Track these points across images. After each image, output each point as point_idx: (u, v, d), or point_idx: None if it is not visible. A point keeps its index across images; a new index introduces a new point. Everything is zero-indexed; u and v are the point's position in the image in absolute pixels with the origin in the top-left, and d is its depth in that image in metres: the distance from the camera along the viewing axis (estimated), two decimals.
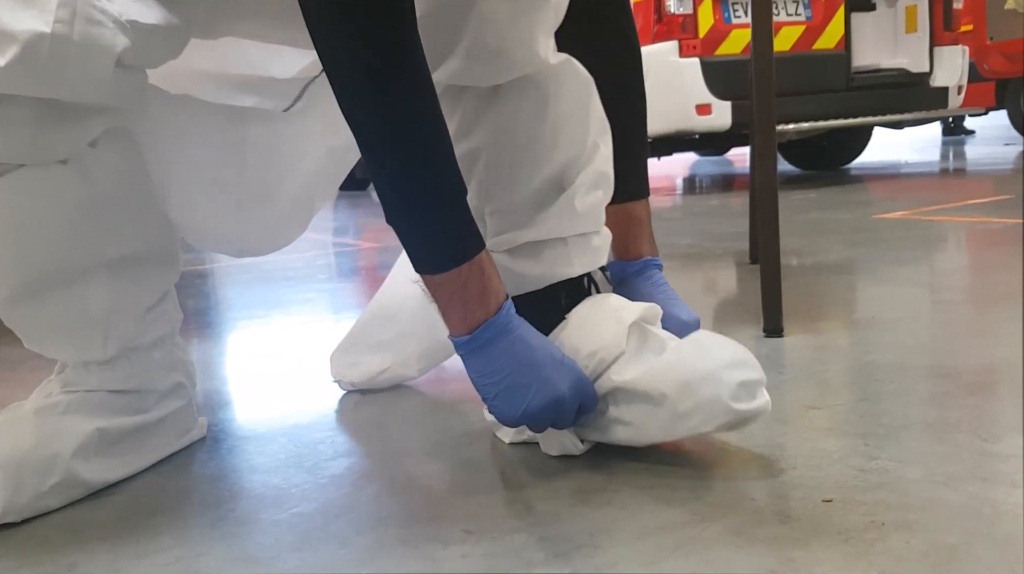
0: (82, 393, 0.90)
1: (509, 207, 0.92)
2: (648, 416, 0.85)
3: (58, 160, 0.82)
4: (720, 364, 0.83)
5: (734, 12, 4.12)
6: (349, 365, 1.21)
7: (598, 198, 0.95)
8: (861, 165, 5.50)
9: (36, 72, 0.73)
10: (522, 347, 0.82)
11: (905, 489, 0.77)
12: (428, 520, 0.78)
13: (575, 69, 0.91)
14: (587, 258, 0.94)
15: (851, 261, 2.06)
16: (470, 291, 0.80)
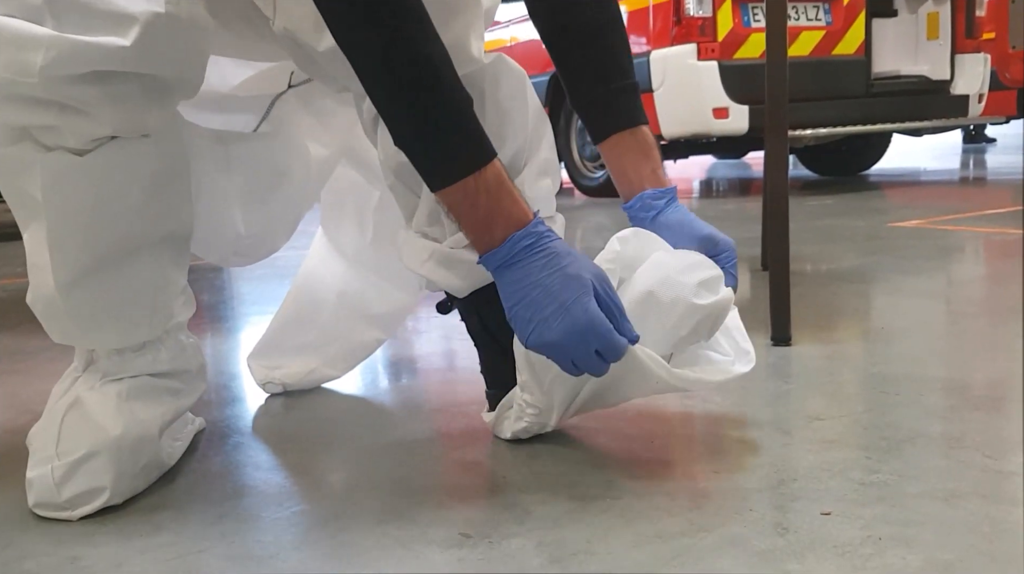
0: (128, 379, 0.91)
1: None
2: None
3: (145, 134, 0.85)
4: (676, 270, 0.89)
5: (754, 16, 4.10)
6: (271, 368, 1.22)
7: (547, 185, 0.96)
8: (879, 171, 5.47)
9: (154, 49, 0.79)
10: (547, 269, 0.82)
11: (904, 504, 0.77)
12: (426, 522, 0.78)
13: (508, 65, 0.93)
14: None
15: (864, 269, 2.05)
16: (478, 212, 0.83)
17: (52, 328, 0.90)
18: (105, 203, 0.84)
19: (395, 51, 0.78)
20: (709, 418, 1.04)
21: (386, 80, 0.80)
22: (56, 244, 0.82)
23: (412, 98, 0.80)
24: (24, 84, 0.74)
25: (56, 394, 0.92)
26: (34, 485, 0.84)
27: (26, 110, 0.77)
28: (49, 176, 0.80)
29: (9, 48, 0.74)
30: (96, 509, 0.83)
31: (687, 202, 4.43)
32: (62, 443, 0.85)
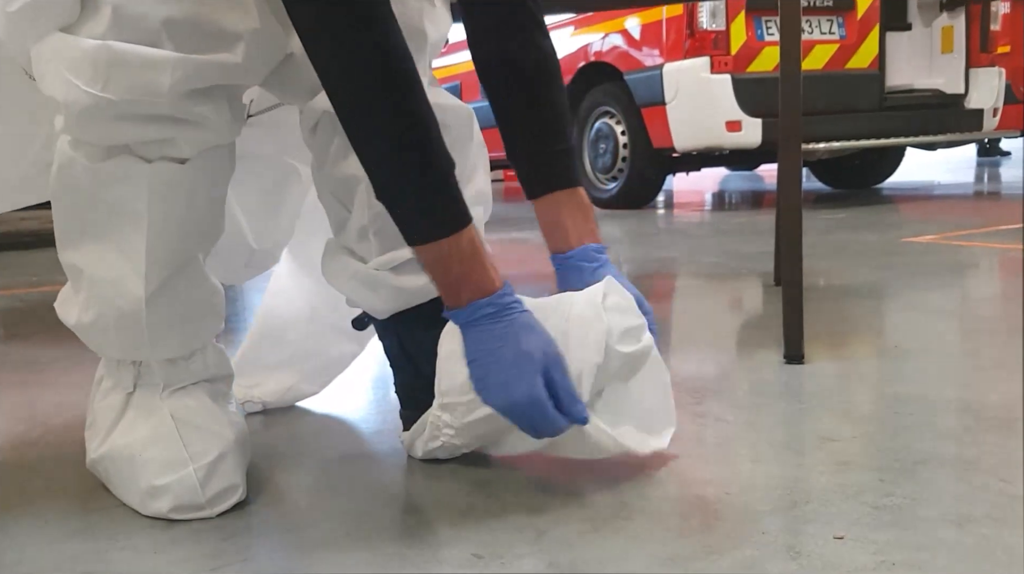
0: (190, 386, 0.92)
1: (392, 227, 0.91)
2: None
3: (232, 141, 0.90)
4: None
5: (767, 29, 4.11)
6: (250, 386, 1.22)
7: (478, 214, 0.98)
8: (893, 185, 5.45)
9: (255, 62, 0.85)
10: (479, 348, 0.86)
11: (918, 528, 0.76)
12: (438, 543, 0.78)
13: (453, 104, 0.96)
14: None
15: (877, 286, 2.05)
16: (449, 276, 0.86)
17: (119, 342, 0.90)
18: (195, 209, 0.88)
19: (390, 113, 0.82)
20: (721, 438, 1.03)
21: (378, 139, 0.83)
22: (151, 253, 0.85)
23: (402, 159, 0.84)
24: (149, 103, 0.79)
25: (108, 410, 0.93)
26: (171, 489, 0.86)
27: (144, 127, 0.81)
28: (156, 185, 0.83)
29: (136, 71, 0.78)
30: (230, 506, 0.87)
31: (699, 215, 4.42)
32: (190, 447, 0.87)
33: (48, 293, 2.39)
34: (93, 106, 0.78)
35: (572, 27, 5.03)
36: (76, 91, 0.78)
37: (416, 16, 0.90)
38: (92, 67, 0.77)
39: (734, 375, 1.32)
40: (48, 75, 0.80)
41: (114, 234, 0.86)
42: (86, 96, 0.78)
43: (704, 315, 1.88)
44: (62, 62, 0.78)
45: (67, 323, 0.93)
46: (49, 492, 0.95)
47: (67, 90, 0.78)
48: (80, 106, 0.78)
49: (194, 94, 0.81)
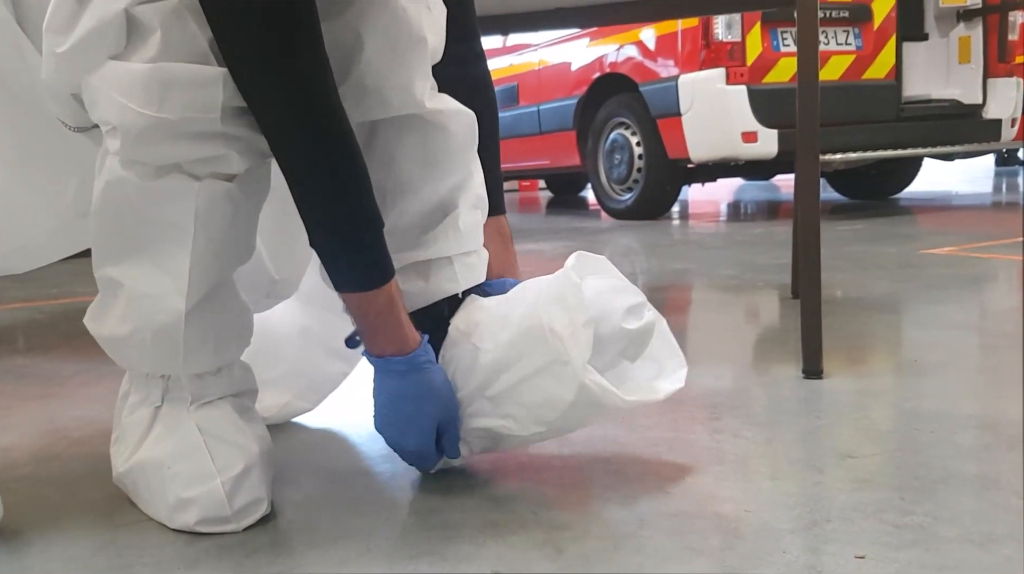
0: (218, 401, 0.94)
1: (395, 231, 0.95)
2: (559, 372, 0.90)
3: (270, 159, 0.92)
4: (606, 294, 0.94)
5: (783, 40, 4.11)
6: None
7: (477, 218, 1.01)
8: (910, 195, 5.43)
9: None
10: (381, 396, 0.93)
11: (939, 547, 0.76)
12: (457, 559, 0.79)
13: (455, 108, 0.97)
14: (469, 275, 1.01)
15: (896, 299, 2.04)
16: (364, 323, 0.90)
17: (153, 356, 0.91)
18: (237, 227, 0.90)
19: (326, 169, 0.84)
20: (739, 454, 1.03)
21: (307, 187, 0.85)
22: (194, 270, 0.87)
23: (329, 212, 0.85)
24: (204, 120, 0.81)
25: (136, 425, 0.94)
26: (198, 502, 0.87)
27: (198, 145, 0.83)
28: (204, 202, 0.85)
29: (190, 89, 0.80)
30: (256, 519, 0.89)
31: (715, 225, 4.42)
32: (217, 461, 0.89)
33: (69, 305, 2.42)
34: (150, 127, 0.80)
35: (587, 39, 5.05)
36: (131, 114, 0.79)
37: (416, 23, 0.91)
38: (145, 89, 0.79)
39: (752, 390, 1.32)
40: (101, 101, 0.81)
41: (158, 250, 0.87)
42: (142, 118, 0.79)
43: (721, 328, 1.88)
44: (114, 87, 0.80)
45: (98, 336, 0.94)
46: (73, 506, 0.96)
47: (122, 114, 0.80)
48: (137, 128, 0.80)
49: (244, 110, 0.83)
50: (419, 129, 0.95)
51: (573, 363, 0.88)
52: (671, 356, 1.02)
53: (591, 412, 0.92)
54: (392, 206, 0.96)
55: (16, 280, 2.93)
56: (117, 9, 0.78)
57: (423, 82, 0.93)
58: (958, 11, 4.41)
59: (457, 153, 0.97)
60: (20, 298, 2.60)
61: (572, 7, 2.00)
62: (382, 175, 0.94)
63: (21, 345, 1.94)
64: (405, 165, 0.96)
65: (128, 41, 0.80)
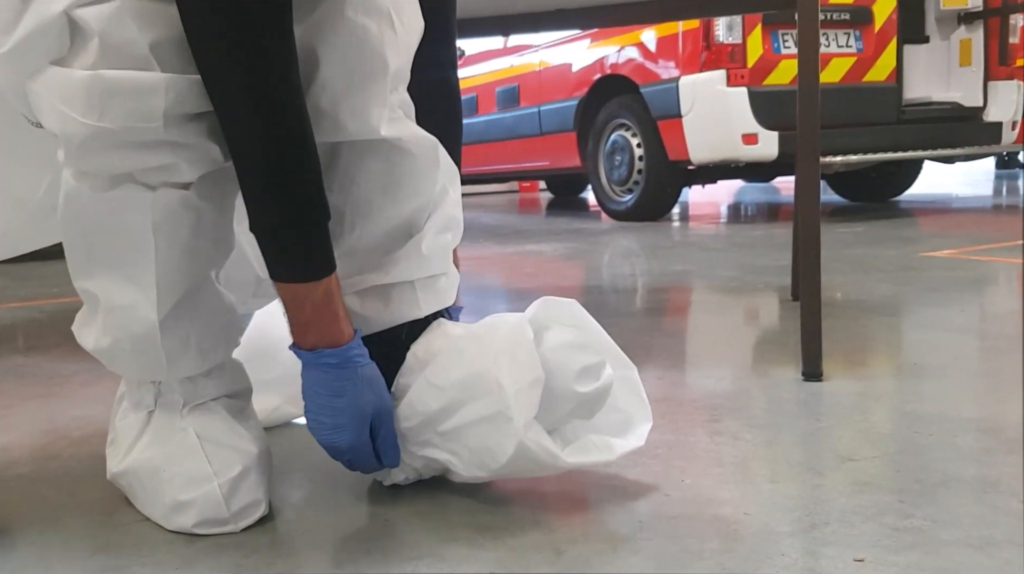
0: (210, 402, 0.93)
1: (357, 252, 0.94)
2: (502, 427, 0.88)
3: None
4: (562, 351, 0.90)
5: (784, 42, 4.10)
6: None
7: (446, 241, 0.99)
8: (910, 198, 5.43)
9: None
10: (311, 391, 0.89)
11: (939, 551, 0.76)
12: (457, 560, 0.79)
13: (417, 134, 0.94)
14: (433, 299, 0.98)
15: (896, 301, 2.04)
16: (299, 315, 0.87)
17: (137, 365, 0.91)
18: (202, 232, 0.88)
19: (275, 152, 0.81)
20: (738, 456, 1.03)
21: (252, 171, 0.82)
22: (162, 278, 0.86)
23: (277, 195, 0.82)
24: (147, 129, 0.79)
25: (129, 429, 0.94)
26: (197, 504, 0.87)
27: (144, 154, 0.81)
28: (160, 212, 0.84)
29: (130, 97, 0.78)
30: (254, 521, 0.88)
31: (715, 227, 4.41)
32: (214, 463, 0.88)
33: (69, 305, 2.42)
34: (91, 137, 0.78)
35: (588, 40, 5.05)
36: (73, 123, 0.78)
37: (376, 45, 0.87)
38: (86, 98, 0.77)
39: (751, 392, 1.32)
40: (45, 109, 0.80)
41: (123, 261, 0.86)
42: (83, 127, 0.78)
43: (720, 330, 1.88)
44: (56, 95, 0.79)
45: (86, 347, 0.94)
46: (72, 506, 0.96)
47: (64, 123, 0.79)
48: (79, 138, 0.79)
49: (190, 117, 0.81)
50: (381, 152, 0.91)
51: (515, 421, 0.86)
52: (638, 408, 0.98)
53: (533, 467, 0.89)
54: (352, 228, 0.93)
55: (16, 279, 2.93)
56: (56, 11, 0.76)
57: (380, 108, 0.89)
58: (959, 14, 4.41)
59: (421, 175, 0.95)
60: (20, 297, 2.60)
61: (573, 8, 2.00)
62: (342, 197, 0.92)
63: (21, 344, 1.94)
64: (366, 187, 0.93)
65: (71, 45, 0.78)
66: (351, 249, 0.93)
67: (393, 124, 0.91)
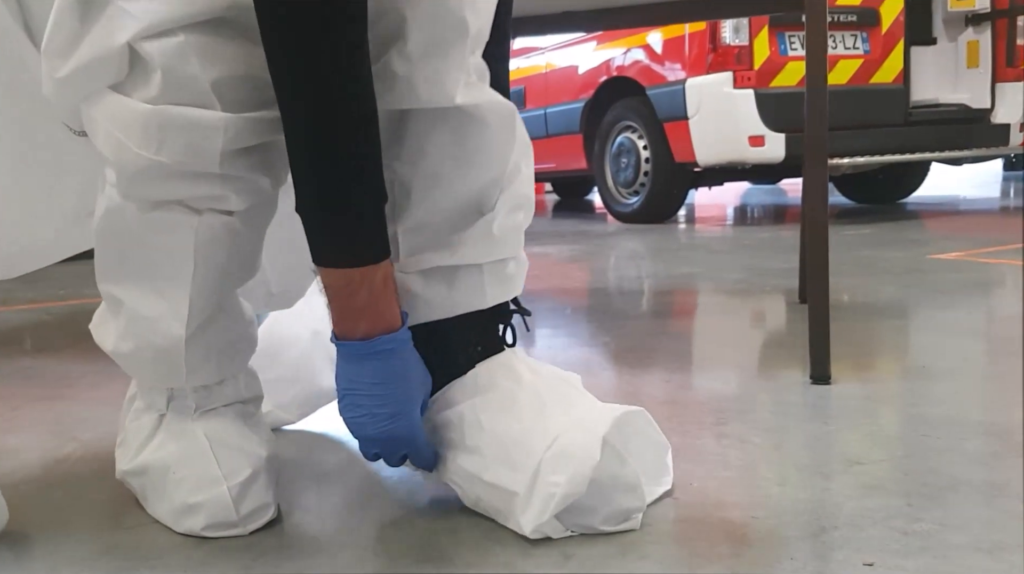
0: (221, 408, 0.93)
1: (423, 227, 0.89)
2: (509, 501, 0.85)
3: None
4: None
5: (790, 44, 4.10)
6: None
7: (518, 221, 0.94)
8: (917, 200, 5.42)
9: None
10: (369, 380, 0.84)
11: (948, 555, 0.76)
12: (466, 563, 0.79)
13: (494, 99, 0.88)
14: (500, 288, 0.93)
15: (903, 304, 2.03)
16: (354, 302, 0.81)
17: (155, 373, 0.91)
18: (238, 255, 0.88)
19: (332, 122, 0.76)
20: (746, 460, 1.03)
21: (315, 148, 0.77)
22: (195, 297, 0.86)
23: (332, 176, 0.77)
24: (202, 164, 0.79)
25: (140, 430, 0.94)
26: (206, 506, 0.86)
27: (195, 185, 0.81)
28: (204, 235, 0.84)
29: (189, 134, 0.78)
30: (262, 524, 0.88)
31: (721, 229, 4.41)
32: (224, 466, 0.88)
33: (76, 307, 2.42)
34: (146, 168, 0.79)
35: (594, 42, 5.05)
36: (128, 153, 0.79)
37: (456, 6, 0.81)
38: (144, 130, 0.78)
39: (758, 395, 1.32)
40: (100, 134, 0.81)
41: (156, 275, 0.87)
42: (138, 158, 0.79)
43: (727, 333, 1.88)
44: (114, 123, 0.79)
45: (104, 348, 0.95)
46: (80, 508, 0.96)
47: (119, 151, 0.79)
48: (133, 167, 0.79)
49: (244, 152, 0.81)
50: (453, 121, 0.85)
51: (524, 520, 0.82)
52: (656, 470, 0.93)
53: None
54: (420, 201, 0.88)
55: (23, 282, 2.94)
56: (120, 42, 0.76)
57: (457, 74, 0.83)
58: (966, 15, 4.40)
59: (495, 147, 0.89)
60: (28, 299, 2.61)
61: (579, 11, 2.00)
62: (410, 168, 0.87)
63: (29, 346, 1.95)
64: (436, 158, 0.87)
65: (130, 71, 0.78)
66: (417, 224, 0.88)
67: (469, 90, 0.85)
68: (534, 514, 0.82)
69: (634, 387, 1.39)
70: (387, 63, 0.82)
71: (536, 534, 0.82)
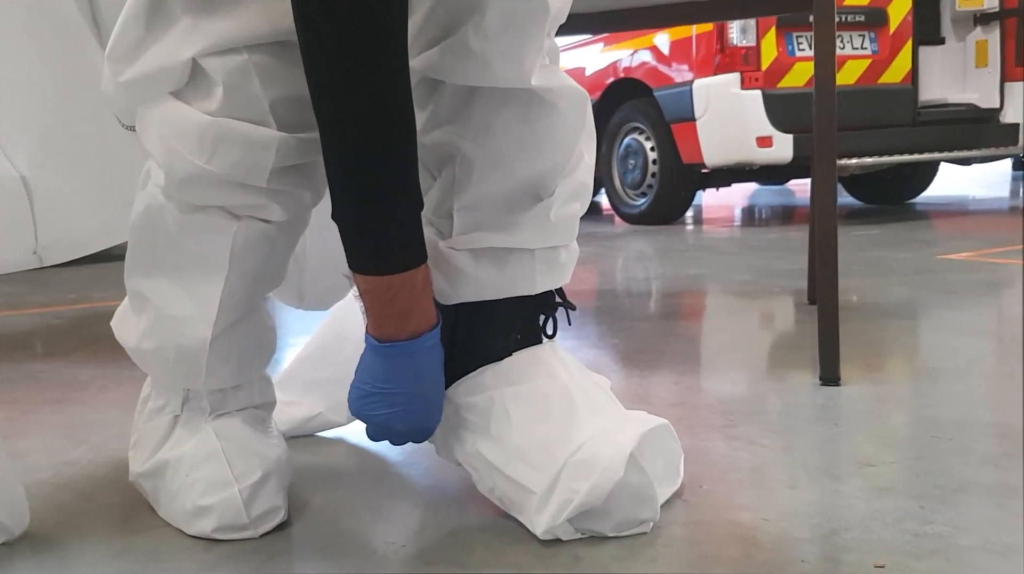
0: (236, 412, 0.94)
1: (480, 206, 0.88)
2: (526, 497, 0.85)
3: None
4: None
5: (798, 45, 4.09)
6: (284, 405, 1.14)
7: (574, 210, 0.93)
8: (926, 200, 5.40)
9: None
10: (412, 378, 0.85)
11: (960, 557, 0.76)
12: (476, 565, 0.79)
13: (567, 84, 0.87)
14: (550, 276, 0.92)
15: (913, 305, 2.03)
16: (396, 305, 0.81)
17: (175, 373, 0.92)
18: (271, 263, 0.89)
19: (370, 132, 0.74)
20: (756, 462, 1.03)
21: (354, 159, 0.75)
22: (225, 300, 0.87)
23: (372, 187, 0.76)
24: (250, 178, 0.81)
25: (154, 431, 0.95)
26: (216, 509, 0.86)
27: (240, 194, 0.83)
28: (241, 241, 0.85)
29: (242, 149, 0.79)
30: (272, 527, 0.88)
31: (729, 230, 4.40)
32: (235, 469, 0.88)
33: (86, 311, 2.43)
34: (195, 175, 0.80)
35: (601, 43, 5.05)
36: (180, 159, 0.80)
37: None
38: (199, 140, 0.79)
39: (767, 397, 1.31)
40: (152, 137, 0.82)
41: (189, 278, 0.87)
42: (189, 166, 0.80)
43: (736, 334, 1.87)
44: (169, 129, 0.80)
45: (125, 345, 0.95)
46: (91, 511, 0.96)
47: (170, 156, 0.81)
48: (182, 174, 0.81)
49: (291, 168, 0.83)
50: (523, 102, 0.84)
51: (537, 520, 0.83)
52: (670, 474, 0.93)
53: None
54: (480, 179, 0.86)
55: (33, 285, 2.95)
56: (185, 57, 0.78)
57: (535, 55, 0.82)
58: (975, 15, 4.38)
59: (562, 134, 0.87)
60: (37, 303, 2.62)
61: (586, 13, 2.00)
62: (474, 146, 0.85)
63: (39, 350, 1.96)
64: (502, 138, 0.85)
65: (190, 81, 0.80)
66: (474, 202, 0.87)
67: (544, 72, 0.84)
68: (549, 516, 0.82)
69: (643, 389, 1.39)
70: (462, 37, 0.80)
71: (547, 535, 0.82)
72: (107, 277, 3.05)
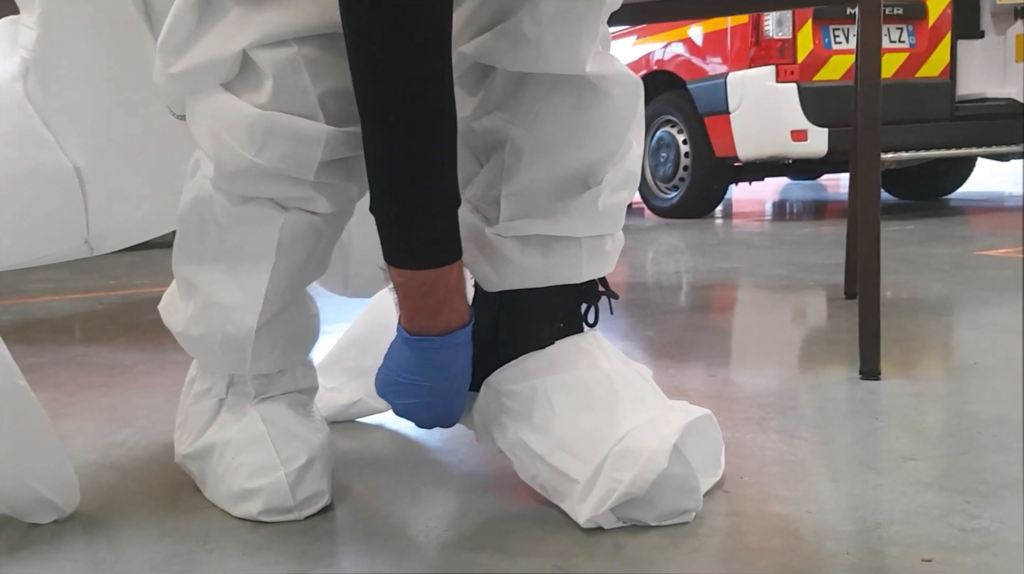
0: (280, 396, 0.95)
1: (528, 193, 0.88)
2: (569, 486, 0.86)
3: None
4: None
5: (835, 38, 4.05)
6: (326, 391, 1.17)
7: (622, 199, 0.92)
8: (962, 196, 5.32)
9: None
10: (438, 373, 0.86)
11: (1008, 553, 0.75)
12: (517, 552, 0.79)
13: (620, 72, 0.86)
14: (596, 264, 0.92)
15: (951, 300, 2.00)
16: (429, 300, 0.82)
17: (221, 359, 0.93)
18: (317, 253, 0.91)
19: (409, 128, 0.74)
20: (796, 455, 1.02)
21: (393, 154, 0.76)
22: (271, 289, 0.88)
23: (410, 182, 0.76)
24: (298, 171, 0.81)
25: (200, 414, 0.96)
26: (262, 492, 0.88)
27: (288, 187, 0.83)
28: (288, 232, 0.86)
29: (291, 142, 0.80)
30: (317, 510, 0.90)
31: (760, 224, 4.37)
32: (281, 453, 0.90)
33: (127, 297, 2.47)
34: (244, 168, 0.81)
35: (634, 36, 5.02)
36: (229, 151, 0.81)
37: None
38: (249, 133, 0.80)
39: (805, 391, 1.31)
40: (202, 128, 0.83)
41: (237, 267, 0.88)
42: (238, 158, 0.81)
43: (771, 329, 1.86)
44: (219, 121, 0.81)
45: (172, 329, 0.97)
46: (139, 493, 0.98)
47: (220, 149, 0.82)
48: (232, 167, 0.82)
49: (338, 162, 0.83)
50: (575, 89, 0.83)
51: (580, 509, 0.83)
52: (711, 465, 0.93)
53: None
54: (529, 166, 0.86)
55: (75, 271, 3.00)
56: (235, 50, 0.78)
57: (590, 42, 0.81)
58: (1015, 8, 4.31)
59: (614, 122, 0.87)
60: (79, 289, 2.66)
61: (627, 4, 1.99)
62: (523, 132, 0.85)
63: (80, 335, 1.99)
64: (552, 125, 0.85)
65: (240, 73, 0.80)
66: (522, 189, 0.87)
67: (598, 59, 0.83)
68: (592, 505, 0.82)
69: (678, 381, 1.38)
70: (516, 23, 0.79)
71: (589, 524, 0.82)
72: (148, 264, 3.09)
